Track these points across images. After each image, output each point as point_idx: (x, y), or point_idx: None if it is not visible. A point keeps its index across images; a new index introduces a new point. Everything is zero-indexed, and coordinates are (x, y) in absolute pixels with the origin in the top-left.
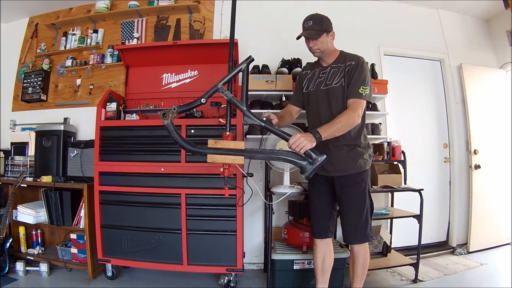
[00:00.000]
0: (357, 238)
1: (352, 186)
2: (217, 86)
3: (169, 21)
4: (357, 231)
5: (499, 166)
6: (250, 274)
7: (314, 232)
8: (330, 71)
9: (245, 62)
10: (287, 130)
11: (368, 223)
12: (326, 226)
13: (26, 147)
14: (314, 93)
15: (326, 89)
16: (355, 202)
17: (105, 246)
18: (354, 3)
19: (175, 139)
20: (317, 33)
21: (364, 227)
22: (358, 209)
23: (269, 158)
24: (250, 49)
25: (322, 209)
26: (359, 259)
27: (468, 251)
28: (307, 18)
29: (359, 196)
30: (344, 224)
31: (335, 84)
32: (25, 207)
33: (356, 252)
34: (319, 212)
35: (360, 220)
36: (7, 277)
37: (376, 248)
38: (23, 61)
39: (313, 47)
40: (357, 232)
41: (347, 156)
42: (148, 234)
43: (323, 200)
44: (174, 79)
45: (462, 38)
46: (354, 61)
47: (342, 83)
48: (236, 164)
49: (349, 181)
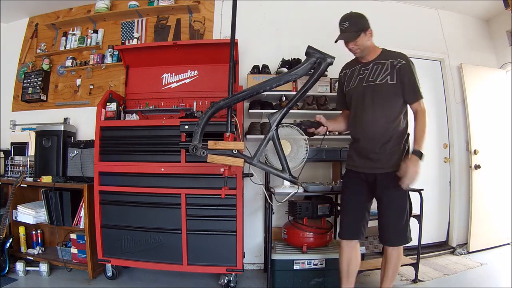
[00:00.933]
0: (395, 241)
1: (395, 187)
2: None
3: (169, 21)
4: (396, 233)
5: (499, 166)
6: (250, 274)
7: (341, 233)
8: (373, 67)
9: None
10: (287, 130)
11: (407, 225)
12: (356, 228)
13: (26, 147)
14: (355, 90)
15: (370, 85)
16: (396, 203)
17: (105, 246)
18: (354, 3)
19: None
20: (354, 34)
21: (404, 230)
22: (398, 210)
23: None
24: (250, 49)
25: (355, 210)
26: (392, 260)
27: (468, 251)
28: (343, 19)
29: (400, 197)
30: (383, 226)
31: (380, 80)
32: (25, 207)
33: (389, 254)
34: (351, 213)
35: (400, 222)
36: (7, 277)
37: (376, 248)
38: (23, 61)
39: (353, 48)
40: (396, 234)
41: (393, 152)
42: (148, 234)
43: (356, 201)
44: (174, 79)
45: (462, 38)
46: (403, 60)
47: (388, 80)
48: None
49: (392, 181)
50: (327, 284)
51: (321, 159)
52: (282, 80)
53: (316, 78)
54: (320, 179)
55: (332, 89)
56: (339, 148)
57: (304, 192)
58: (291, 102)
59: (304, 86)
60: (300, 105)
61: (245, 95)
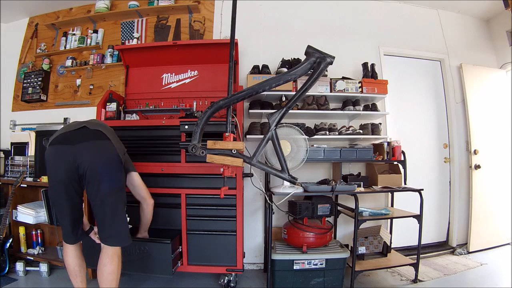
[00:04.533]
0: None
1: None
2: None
3: (169, 21)
4: None
5: (499, 166)
6: (250, 274)
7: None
8: None
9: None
10: (287, 130)
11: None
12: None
13: (26, 147)
14: None
15: None
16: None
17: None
18: (354, 3)
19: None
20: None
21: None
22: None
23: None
24: (250, 49)
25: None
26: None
27: (468, 251)
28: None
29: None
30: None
31: None
32: (25, 207)
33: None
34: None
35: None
36: (7, 277)
37: (376, 248)
38: (23, 61)
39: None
40: None
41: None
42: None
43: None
44: (174, 79)
45: (462, 38)
46: None
47: None
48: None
49: None
50: (327, 284)
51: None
52: (282, 80)
53: (316, 77)
54: (320, 179)
55: (332, 89)
56: (339, 148)
57: (304, 192)
58: (290, 102)
59: (303, 86)
60: (300, 105)
61: (245, 95)
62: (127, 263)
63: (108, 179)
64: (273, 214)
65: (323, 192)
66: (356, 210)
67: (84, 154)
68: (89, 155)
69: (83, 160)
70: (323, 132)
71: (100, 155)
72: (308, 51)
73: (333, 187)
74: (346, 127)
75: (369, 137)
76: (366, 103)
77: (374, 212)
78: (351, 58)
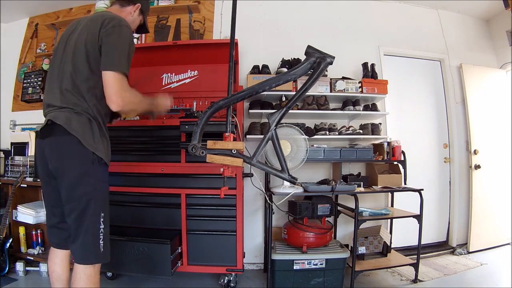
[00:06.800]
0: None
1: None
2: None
3: (169, 21)
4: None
5: (499, 166)
6: (250, 274)
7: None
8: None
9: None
10: (287, 130)
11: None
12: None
13: (26, 147)
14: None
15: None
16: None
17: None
18: (354, 3)
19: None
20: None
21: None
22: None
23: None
24: (250, 49)
25: None
26: None
27: (468, 251)
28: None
29: None
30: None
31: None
32: (25, 207)
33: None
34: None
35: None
36: (7, 277)
37: (376, 248)
38: (23, 61)
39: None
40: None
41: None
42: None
43: None
44: (174, 79)
45: (462, 38)
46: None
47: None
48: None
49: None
50: (327, 284)
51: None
52: (282, 80)
53: (316, 77)
54: (320, 179)
55: (332, 89)
56: (339, 148)
57: (304, 192)
58: (290, 102)
59: (303, 86)
60: (300, 105)
61: (245, 95)
62: (126, 264)
63: (68, 182)
64: (273, 214)
65: (323, 192)
66: (356, 210)
67: (47, 150)
68: (52, 152)
69: (50, 157)
70: (323, 132)
71: (59, 153)
72: (308, 51)
73: (333, 187)
74: (346, 127)
75: (369, 137)
76: (366, 103)
77: (374, 212)
78: (351, 58)
